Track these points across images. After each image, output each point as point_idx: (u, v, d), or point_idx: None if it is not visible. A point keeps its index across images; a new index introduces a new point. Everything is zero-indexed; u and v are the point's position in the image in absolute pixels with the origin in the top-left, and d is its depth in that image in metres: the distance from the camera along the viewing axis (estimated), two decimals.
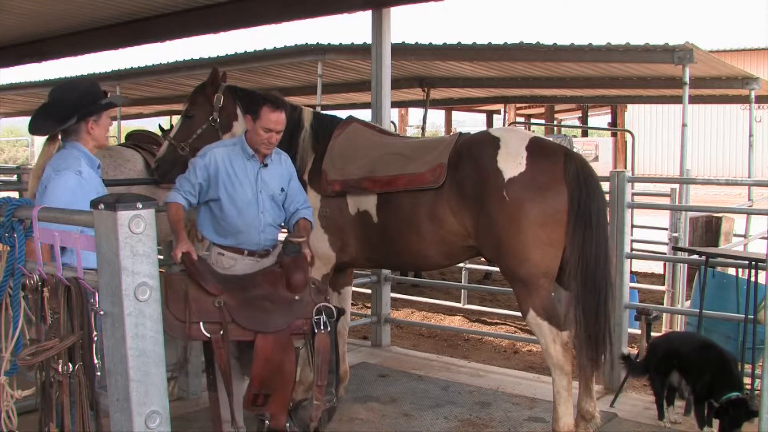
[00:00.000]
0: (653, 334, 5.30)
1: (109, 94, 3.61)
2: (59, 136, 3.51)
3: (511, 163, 4.04)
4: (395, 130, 11.28)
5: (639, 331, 5.68)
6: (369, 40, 6.61)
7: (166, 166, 4.75)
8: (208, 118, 4.65)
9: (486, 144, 4.21)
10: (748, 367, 4.71)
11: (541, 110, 19.28)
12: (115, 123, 15.39)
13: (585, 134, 21.46)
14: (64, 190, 3.28)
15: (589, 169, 4.11)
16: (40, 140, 3.90)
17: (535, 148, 4.11)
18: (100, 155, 6.14)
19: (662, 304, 7.84)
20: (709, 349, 4.54)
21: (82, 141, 3.49)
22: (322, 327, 3.59)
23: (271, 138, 3.95)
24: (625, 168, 14.80)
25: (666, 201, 8.45)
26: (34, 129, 3.53)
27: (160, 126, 6.23)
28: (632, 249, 8.54)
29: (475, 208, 4.12)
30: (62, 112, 3.43)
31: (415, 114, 19.81)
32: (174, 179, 4.74)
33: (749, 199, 10.70)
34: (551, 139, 7.37)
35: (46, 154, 3.50)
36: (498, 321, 8.66)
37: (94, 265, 2.19)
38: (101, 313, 2.12)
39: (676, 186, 7.88)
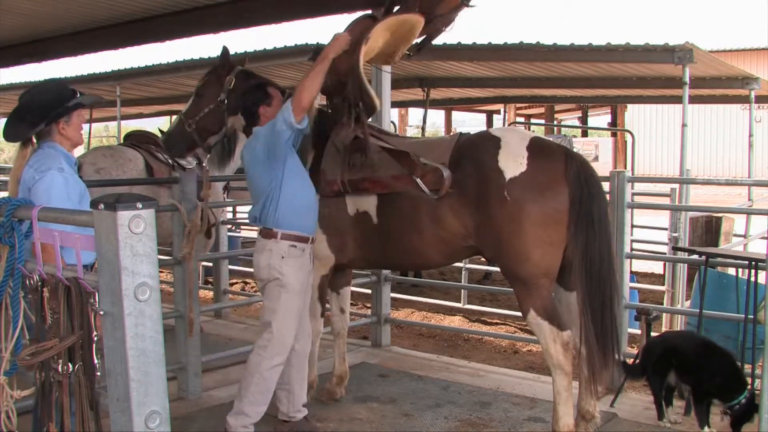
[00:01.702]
0: (653, 334, 5.30)
1: (79, 94, 3.60)
2: (33, 138, 3.51)
3: (512, 163, 4.04)
4: (395, 130, 11.27)
5: (639, 331, 5.69)
6: None
7: (172, 140, 4.98)
8: (217, 99, 4.77)
9: (487, 144, 4.21)
10: (748, 367, 4.71)
11: (541, 110, 19.25)
12: (114, 123, 15.40)
13: (585, 134, 21.46)
14: (55, 188, 3.30)
15: (590, 169, 4.11)
16: None
17: (536, 147, 4.11)
18: (101, 155, 6.21)
19: (662, 304, 7.83)
20: (711, 348, 4.54)
21: (57, 141, 3.50)
22: None
23: None
24: (625, 168, 14.80)
25: (666, 201, 8.46)
26: (8, 136, 3.52)
27: (159, 129, 6.29)
28: (632, 249, 8.54)
29: (476, 208, 4.12)
30: (33, 116, 3.44)
31: (415, 114, 19.83)
32: (180, 153, 5.13)
33: (749, 199, 10.69)
34: (551, 139, 7.37)
35: (22, 157, 3.49)
36: (498, 321, 8.66)
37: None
38: (101, 313, 2.11)
39: (676, 186, 7.88)
